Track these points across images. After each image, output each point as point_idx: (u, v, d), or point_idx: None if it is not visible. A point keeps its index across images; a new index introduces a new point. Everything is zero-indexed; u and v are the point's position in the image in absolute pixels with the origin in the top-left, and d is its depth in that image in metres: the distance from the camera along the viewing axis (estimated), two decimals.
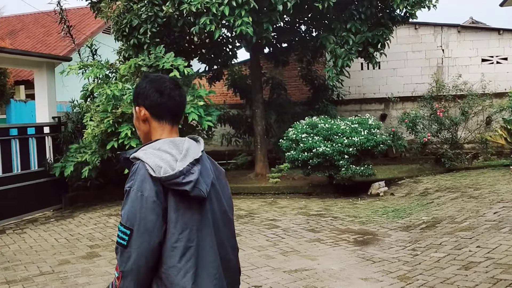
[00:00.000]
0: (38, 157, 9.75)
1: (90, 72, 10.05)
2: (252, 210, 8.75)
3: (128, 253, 1.83)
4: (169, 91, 2.01)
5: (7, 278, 5.50)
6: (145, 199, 1.82)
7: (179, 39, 11.24)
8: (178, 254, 1.84)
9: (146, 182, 1.83)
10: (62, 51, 16.55)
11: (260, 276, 5.16)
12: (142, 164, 1.86)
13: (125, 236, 1.84)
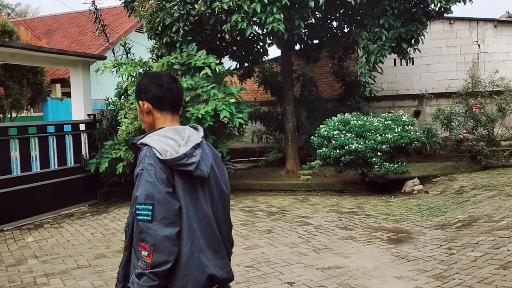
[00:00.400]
0: (74, 153, 9.98)
1: (124, 70, 10.22)
2: (283, 207, 8.75)
3: (155, 225, 1.98)
4: (168, 84, 2.25)
5: (45, 271, 5.66)
6: (157, 177, 2.02)
7: (211, 37, 11.30)
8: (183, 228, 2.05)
9: (156, 163, 2.04)
10: (96, 50, 16.88)
11: (293, 273, 5.16)
12: (150, 148, 2.08)
13: (148, 212, 1.99)
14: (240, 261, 5.62)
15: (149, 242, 1.97)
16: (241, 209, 8.76)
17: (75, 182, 9.62)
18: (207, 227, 2.13)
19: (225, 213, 2.30)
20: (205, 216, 2.13)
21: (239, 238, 6.68)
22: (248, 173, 12.36)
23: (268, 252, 5.95)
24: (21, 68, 14.28)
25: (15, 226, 8.19)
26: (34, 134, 8.76)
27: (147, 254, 1.98)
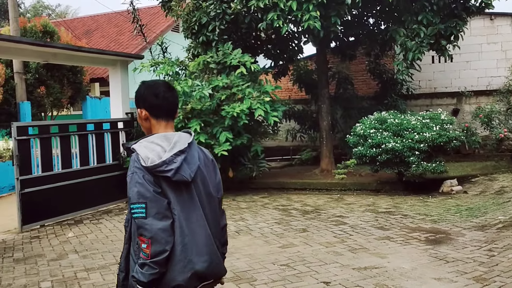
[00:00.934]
0: (113, 151, 10.19)
1: (161, 69, 10.37)
2: (318, 206, 8.71)
3: (149, 220, 2.20)
4: (163, 94, 2.42)
5: (85, 266, 5.81)
6: (146, 178, 2.23)
7: (246, 36, 11.34)
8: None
9: (141, 167, 2.25)
10: (134, 49, 17.21)
11: (329, 273, 5.13)
12: (137, 155, 2.29)
13: (142, 209, 2.21)
14: (275, 260, 5.63)
15: (147, 235, 2.19)
16: (275, 207, 8.77)
17: (113, 179, 9.81)
18: (194, 226, 2.30)
19: (212, 213, 2.44)
20: (191, 216, 2.30)
21: (273, 237, 6.69)
22: (282, 172, 12.35)
23: (304, 251, 5.93)
24: (62, 67, 14.71)
25: (56, 221, 8.43)
26: (74, 132, 9.00)
27: (146, 246, 2.20)
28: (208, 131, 9.47)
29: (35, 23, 14.91)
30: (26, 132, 8.16)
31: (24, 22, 15.02)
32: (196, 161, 2.37)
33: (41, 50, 9.14)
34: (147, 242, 2.19)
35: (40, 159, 8.35)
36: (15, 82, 13.78)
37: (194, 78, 10.22)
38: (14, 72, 13.85)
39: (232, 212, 8.48)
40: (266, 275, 5.12)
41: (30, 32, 14.49)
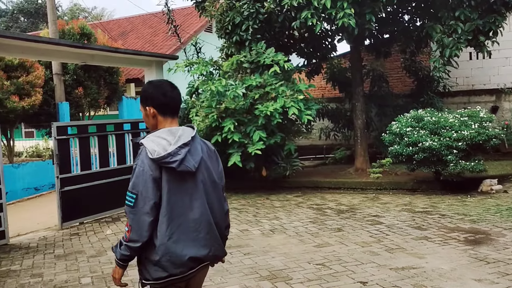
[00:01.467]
0: None
1: (196, 69, 10.47)
2: (353, 206, 8.62)
3: (134, 211, 2.47)
4: (170, 93, 2.65)
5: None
6: (145, 173, 2.46)
7: (279, 34, 11.33)
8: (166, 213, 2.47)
9: (145, 161, 2.47)
10: (168, 50, 17.43)
11: (366, 272, 5.08)
12: (144, 148, 2.50)
13: (132, 199, 2.48)
14: (311, 259, 5.60)
15: (129, 222, 2.49)
16: (309, 206, 8.73)
17: None
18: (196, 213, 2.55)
19: (217, 199, 2.69)
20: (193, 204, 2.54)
21: (308, 236, 6.66)
22: (315, 171, 12.29)
23: (339, 251, 5.88)
24: (99, 68, 15.03)
25: (94, 219, 8.63)
26: (111, 131, 9.17)
27: (127, 230, 2.50)
28: (242, 130, 9.50)
29: (73, 25, 15.27)
30: (65, 132, 8.37)
31: (63, 24, 15.41)
32: (199, 153, 2.59)
33: (79, 52, 9.36)
34: (128, 228, 2.49)
35: (79, 158, 8.55)
36: (54, 83, 14.16)
37: (228, 77, 10.28)
38: (53, 74, 14.22)
39: (266, 211, 8.49)
40: (302, 274, 5.10)
41: (68, 34, 14.85)
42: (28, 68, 13.23)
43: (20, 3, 38.27)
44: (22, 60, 13.01)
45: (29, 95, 12.90)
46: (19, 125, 16.44)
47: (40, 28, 31.55)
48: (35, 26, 36.68)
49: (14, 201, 11.69)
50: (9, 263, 6.19)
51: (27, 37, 8.29)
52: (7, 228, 7.31)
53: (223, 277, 5.13)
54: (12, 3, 38.89)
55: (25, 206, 11.65)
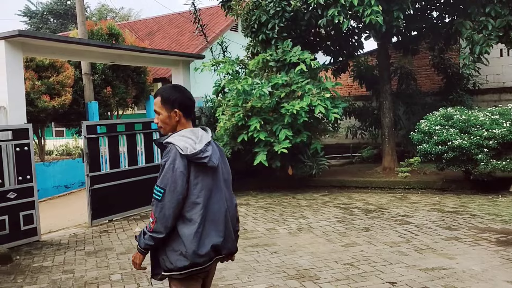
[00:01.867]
0: None
1: (222, 68, 10.51)
2: (381, 205, 8.53)
3: (161, 204, 2.64)
4: (192, 97, 2.90)
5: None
6: (175, 170, 2.63)
7: (305, 33, 11.27)
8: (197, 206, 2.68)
9: (176, 158, 2.65)
10: (194, 49, 17.55)
11: (394, 273, 5.02)
12: (173, 146, 2.68)
13: (160, 193, 2.65)
14: (339, 258, 5.57)
15: (154, 213, 2.66)
16: (336, 205, 8.68)
17: None
18: (216, 206, 2.75)
19: (230, 193, 2.93)
20: (214, 197, 2.75)
21: (335, 235, 6.62)
22: (342, 170, 12.20)
23: (367, 250, 5.83)
24: (127, 68, 15.25)
25: (123, 216, 8.76)
26: (140, 130, 9.29)
27: (152, 221, 2.67)
28: (268, 129, 9.50)
29: (101, 26, 15.53)
30: (95, 130, 8.52)
31: (91, 25, 15.69)
32: (216, 151, 2.86)
33: (108, 52, 9.51)
34: (154, 219, 2.66)
35: (108, 157, 8.69)
36: (83, 83, 14.42)
37: (254, 76, 10.29)
38: (82, 74, 14.50)
39: (293, 210, 8.48)
40: (330, 273, 5.07)
41: (97, 34, 15.11)
42: (59, 68, 13.52)
43: (49, 4, 39.09)
44: (52, 61, 13.29)
45: (59, 94, 13.17)
46: (49, 124, 16.79)
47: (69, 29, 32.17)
48: (64, 27, 37.42)
49: (45, 199, 11.98)
50: (41, 259, 6.34)
51: (58, 38, 8.47)
52: (39, 225, 7.49)
53: (250, 276, 5.14)
54: (41, 4, 39.77)
55: (56, 203, 11.93)
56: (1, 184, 7.01)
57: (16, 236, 7.12)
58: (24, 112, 7.63)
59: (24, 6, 40.55)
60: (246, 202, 9.48)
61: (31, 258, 6.44)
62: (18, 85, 7.55)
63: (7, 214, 7.04)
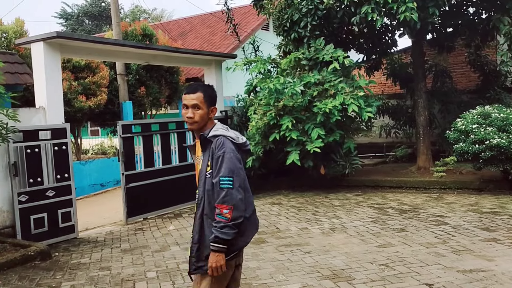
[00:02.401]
0: None
1: (254, 67, 10.52)
2: (416, 205, 8.39)
3: (234, 190, 2.81)
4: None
5: (187, 258, 6.02)
6: (235, 157, 2.87)
7: (338, 30, 11.18)
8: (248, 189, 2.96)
9: (232, 147, 2.89)
10: (225, 49, 17.64)
11: (431, 274, 4.93)
12: (225, 137, 2.91)
13: (230, 182, 2.81)
14: (374, 259, 5.50)
15: (229, 203, 2.77)
16: (370, 206, 8.57)
17: None
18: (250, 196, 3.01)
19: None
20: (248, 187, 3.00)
21: (370, 236, 6.55)
22: (375, 169, 12.04)
23: (403, 251, 5.74)
24: (160, 68, 15.46)
25: (157, 215, 8.88)
26: (173, 130, 9.41)
27: (228, 211, 2.77)
28: (300, 128, 9.46)
29: (135, 27, 15.78)
30: (130, 130, 8.67)
31: (125, 26, 15.96)
32: None
33: (143, 52, 9.64)
34: (230, 209, 2.78)
35: (142, 156, 8.83)
36: (118, 83, 14.69)
37: (286, 75, 10.26)
38: (117, 74, 14.76)
39: (326, 210, 8.42)
40: (365, 274, 5.02)
41: (131, 35, 15.36)
42: (94, 69, 13.81)
43: (84, 6, 39.98)
44: (88, 61, 13.59)
45: (95, 94, 13.46)
46: (85, 123, 17.18)
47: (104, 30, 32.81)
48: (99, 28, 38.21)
49: (82, 197, 12.26)
50: (79, 256, 6.49)
51: (94, 39, 8.64)
52: (76, 223, 7.67)
53: (284, 275, 5.14)
54: (77, 6, 40.71)
55: (92, 201, 12.20)
56: (40, 183, 7.22)
57: (54, 233, 7.32)
58: (62, 112, 7.81)
59: (60, 9, 41.60)
60: (278, 202, 9.47)
61: (69, 254, 6.60)
62: (56, 85, 7.74)
63: (46, 212, 7.25)
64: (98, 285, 5.22)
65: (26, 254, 6.17)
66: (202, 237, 2.93)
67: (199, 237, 2.94)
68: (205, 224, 2.92)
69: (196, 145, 3.14)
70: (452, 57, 13.65)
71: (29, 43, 7.82)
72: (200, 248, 2.93)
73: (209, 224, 2.87)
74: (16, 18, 12.79)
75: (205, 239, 2.90)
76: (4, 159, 6.98)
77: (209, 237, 2.84)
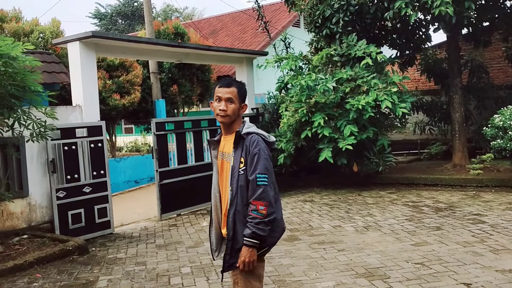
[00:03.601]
0: None
1: (285, 64, 10.50)
2: (452, 203, 8.22)
3: (269, 186, 2.87)
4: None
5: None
6: (268, 155, 2.95)
7: (370, 26, 11.03)
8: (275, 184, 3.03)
9: (265, 145, 2.96)
10: (256, 46, 17.66)
11: (469, 274, 4.82)
12: (258, 136, 2.97)
13: (265, 179, 2.87)
14: (409, 257, 5.42)
15: (266, 199, 2.84)
16: (404, 203, 8.45)
17: None
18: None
19: None
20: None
21: (405, 234, 6.45)
22: (409, 167, 11.85)
23: (439, 250, 5.64)
24: (192, 67, 15.59)
25: (191, 211, 8.98)
26: (205, 127, 9.48)
27: (263, 208, 2.83)
28: (332, 125, 9.39)
29: (168, 25, 15.95)
30: (163, 127, 8.78)
31: (158, 25, 16.15)
32: None
33: (176, 51, 9.75)
34: (265, 205, 2.83)
35: (176, 153, 8.94)
36: (151, 82, 14.89)
37: (318, 71, 10.21)
38: (150, 72, 14.97)
39: (359, 207, 8.34)
40: (400, 273, 4.95)
41: (163, 34, 15.54)
42: (128, 67, 14.02)
43: (117, 6, 40.65)
44: (122, 60, 13.82)
45: (128, 93, 13.67)
46: (119, 121, 17.48)
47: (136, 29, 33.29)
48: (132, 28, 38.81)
49: (117, 193, 12.49)
50: (115, 251, 6.62)
51: (128, 38, 8.78)
52: (112, 218, 7.83)
53: (318, 273, 5.12)
54: (110, 6, 41.43)
55: (126, 198, 12.41)
56: (77, 179, 7.39)
57: (91, 229, 7.49)
58: (97, 110, 7.97)
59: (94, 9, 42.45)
60: (310, 199, 9.43)
61: (106, 249, 6.74)
62: (92, 84, 7.91)
63: (83, 208, 7.42)
64: (134, 280, 5.32)
65: (65, 249, 6.34)
66: (235, 233, 2.94)
67: (233, 233, 2.95)
68: (237, 221, 2.93)
69: (222, 141, 3.16)
70: (488, 51, 13.32)
71: (66, 43, 8.01)
72: (233, 245, 2.95)
73: (240, 220, 2.91)
74: (52, 19, 13.10)
75: (237, 236, 2.92)
76: (42, 156, 7.18)
77: (241, 233, 2.88)
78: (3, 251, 6.21)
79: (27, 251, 6.27)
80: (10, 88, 5.82)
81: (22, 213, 7.05)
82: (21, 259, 5.89)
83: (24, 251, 6.27)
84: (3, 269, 5.61)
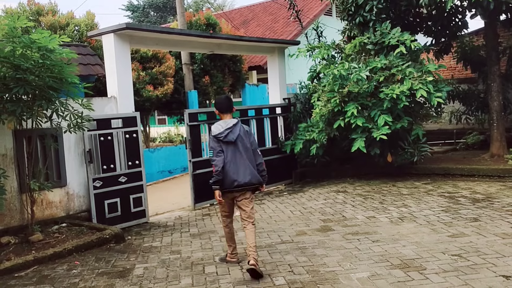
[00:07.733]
0: (272, 135, 10.58)
1: (318, 53, 10.40)
2: (489, 194, 8.01)
3: (213, 157, 5.12)
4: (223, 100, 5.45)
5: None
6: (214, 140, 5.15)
7: (405, 13, 10.79)
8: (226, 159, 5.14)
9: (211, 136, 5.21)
10: (288, 35, 17.54)
11: (508, 266, 4.69)
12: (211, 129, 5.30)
13: (211, 152, 5.15)
14: (445, 249, 5.32)
15: (213, 163, 5.10)
16: (440, 194, 8.28)
17: (273, 162, 10.18)
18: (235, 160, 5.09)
19: (250, 156, 5.19)
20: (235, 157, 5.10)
21: (441, 225, 6.33)
22: (445, 157, 11.61)
23: (476, 242, 5.51)
24: (223, 57, 15.62)
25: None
26: (238, 118, 9.49)
27: (213, 167, 5.10)
28: (365, 115, 9.26)
29: (199, 16, 16.01)
30: (196, 118, 8.85)
31: (190, 16, 16.24)
32: (237, 132, 5.13)
33: (208, 42, 9.77)
34: (213, 167, 5.07)
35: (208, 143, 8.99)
36: (183, 73, 15.01)
37: (351, 60, 10.07)
38: (182, 64, 15.09)
39: (393, 198, 8.23)
40: (436, 264, 4.86)
41: (195, 25, 15.62)
42: (161, 59, 14.18)
43: None
44: (155, 52, 13.97)
45: (162, 84, 13.83)
46: (153, 112, 17.72)
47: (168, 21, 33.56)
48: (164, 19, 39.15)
49: (151, 183, 12.71)
50: (150, 240, 6.74)
51: (161, 29, 8.84)
52: (147, 208, 7.97)
53: (352, 263, 5.08)
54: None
55: (161, 187, 12.61)
56: (113, 169, 7.54)
57: (127, 218, 7.65)
58: (132, 101, 8.09)
59: (127, 1, 42.93)
60: (344, 190, 9.36)
61: (141, 238, 6.87)
62: (127, 75, 8.01)
63: (119, 197, 7.58)
64: (170, 268, 5.40)
65: (102, 237, 6.49)
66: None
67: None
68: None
69: None
70: None
71: (100, 35, 8.14)
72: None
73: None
74: (87, 12, 13.33)
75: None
76: (79, 146, 7.35)
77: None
78: (43, 239, 6.40)
79: (66, 239, 6.45)
80: (48, 80, 5.96)
81: (61, 202, 7.25)
82: (60, 247, 6.07)
83: (63, 239, 6.46)
84: (43, 256, 5.79)
